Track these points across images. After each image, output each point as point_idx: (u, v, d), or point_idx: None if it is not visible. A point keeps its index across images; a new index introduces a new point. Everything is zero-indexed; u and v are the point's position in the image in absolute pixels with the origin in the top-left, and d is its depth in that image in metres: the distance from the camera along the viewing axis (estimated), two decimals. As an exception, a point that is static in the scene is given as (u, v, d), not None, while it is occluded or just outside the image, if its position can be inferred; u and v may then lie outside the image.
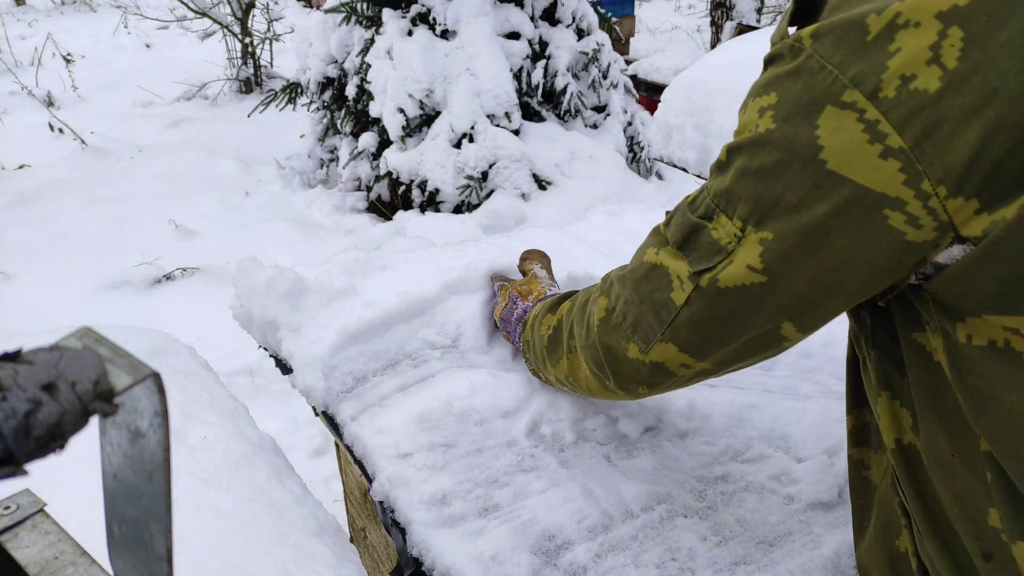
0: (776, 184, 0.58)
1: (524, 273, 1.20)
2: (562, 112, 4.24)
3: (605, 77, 4.44)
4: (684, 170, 1.91)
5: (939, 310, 0.56)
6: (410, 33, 3.99)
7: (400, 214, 3.96)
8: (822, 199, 0.56)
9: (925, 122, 0.50)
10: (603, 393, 0.85)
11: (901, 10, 0.50)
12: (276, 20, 6.86)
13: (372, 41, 4.08)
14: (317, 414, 1.21)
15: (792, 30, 0.60)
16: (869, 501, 0.73)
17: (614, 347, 0.76)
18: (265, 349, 1.30)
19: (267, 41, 6.85)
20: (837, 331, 1.28)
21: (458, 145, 3.89)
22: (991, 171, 0.49)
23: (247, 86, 6.67)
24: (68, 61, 6.67)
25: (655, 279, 0.70)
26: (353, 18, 4.11)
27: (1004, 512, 0.55)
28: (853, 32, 0.52)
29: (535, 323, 1.00)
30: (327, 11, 4.19)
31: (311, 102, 4.59)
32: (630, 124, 4.65)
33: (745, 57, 1.78)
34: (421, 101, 3.92)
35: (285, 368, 1.25)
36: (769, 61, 0.61)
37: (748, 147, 0.60)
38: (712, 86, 1.79)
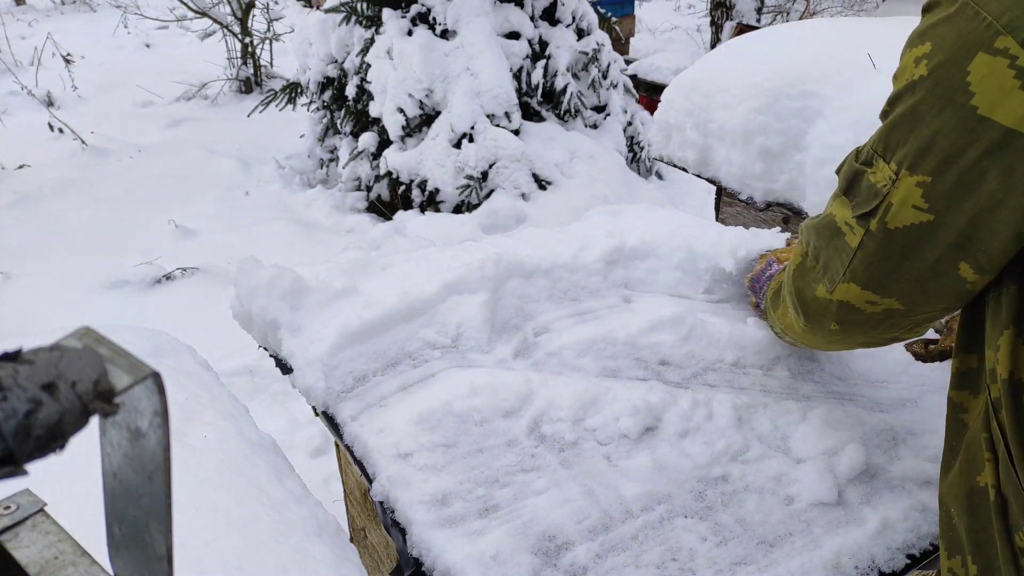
0: (928, 129, 0.61)
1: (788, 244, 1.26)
2: (562, 112, 4.24)
3: (605, 77, 4.44)
4: (684, 170, 1.91)
5: None
6: (410, 33, 3.99)
7: (400, 214, 3.96)
8: (974, 143, 0.59)
9: None
10: (811, 339, 0.91)
11: None
12: (276, 20, 6.86)
13: (372, 41, 4.07)
14: (317, 414, 1.21)
15: None
16: (960, 442, 0.75)
17: (804, 288, 0.83)
18: (265, 349, 1.29)
19: (267, 41, 6.85)
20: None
21: (458, 145, 3.89)
22: None
23: (247, 86, 6.66)
24: (68, 61, 6.66)
25: (829, 227, 0.76)
26: (353, 18, 4.11)
27: None
28: None
29: (773, 282, 1.09)
30: (327, 11, 4.19)
31: (311, 102, 4.59)
32: (630, 124, 4.64)
33: (745, 57, 1.78)
34: (421, 101, 3.92)
35: (285, 368, 1.25)
36: (926, 9, 0.63)
37: (904, 94, 0.64)
38: (712, 86, 1.78)
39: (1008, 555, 0.66)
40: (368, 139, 4.17)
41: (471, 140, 3.86)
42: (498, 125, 3.89)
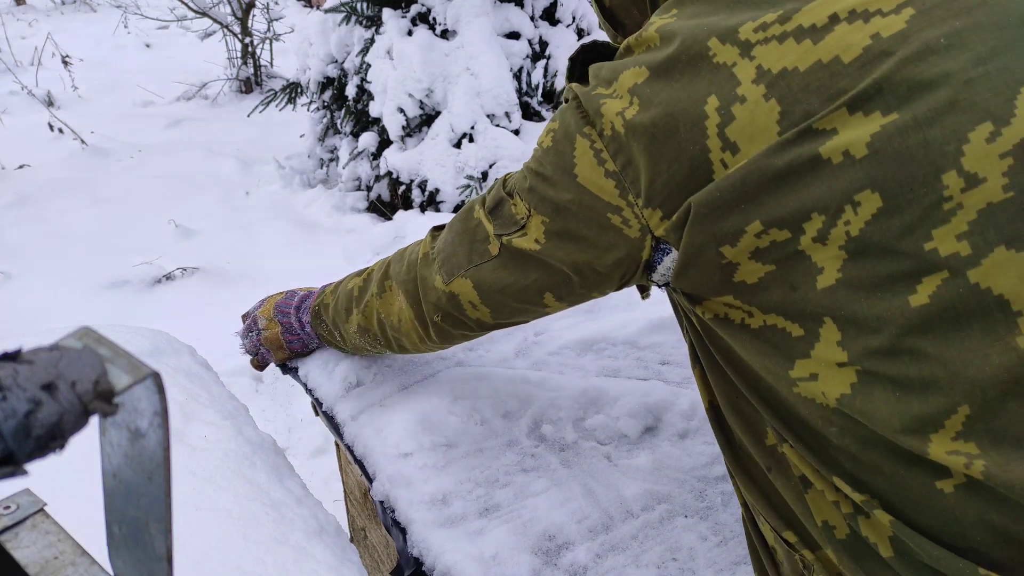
0: (549, 187, 0.78)
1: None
2: (562, 112, 4.24)
3: (605, 77, 4.43)
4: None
5: (687, 299, 0.75)
6: (410, 33, 3.99)
7: (400, 214, 3.96)
8: (573, 201, 0.76)
9: (625, 155, 0.70)
10: (414, 324, 0.98)
11: (615, 87, 0.71)
12: (276, 20, 6.85)
13: (372, 41, 4.08)
14: (317, 414, 1.21)
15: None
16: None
17: (427, 278, 0.94)
18: (265, 349, 1.29)
19: (267, 41, 6.85)
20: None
21: (458, 145, 3.89)
22: (667, 191, 0.68)
23: (247, 86, 6.66)
24: (66, 63, 6.66)
25: (480, 233, 0.88)
26: (353, 18, 4.11)
27: (772, 426, 0.71)
28: (589, 93, 0.73)
29: (336, 289, 1.11)
30: (327, 11, 4.19)
31: (311, 102, 4.59)
32: (630, 124, 4.64)
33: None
34: (421, 101, 3.92)
35: (285, 368, 1.25)
36: (564, 100, 0.80)
37: (537, 156, 0.81)
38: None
39: (768, 557, 0.79)
40: (368, 139, 4.17)
41: (471, 140, 3.86)
42: (498, 125, 3.89)
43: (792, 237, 0.63)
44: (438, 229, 0.98)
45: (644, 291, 0.90)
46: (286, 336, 1.18)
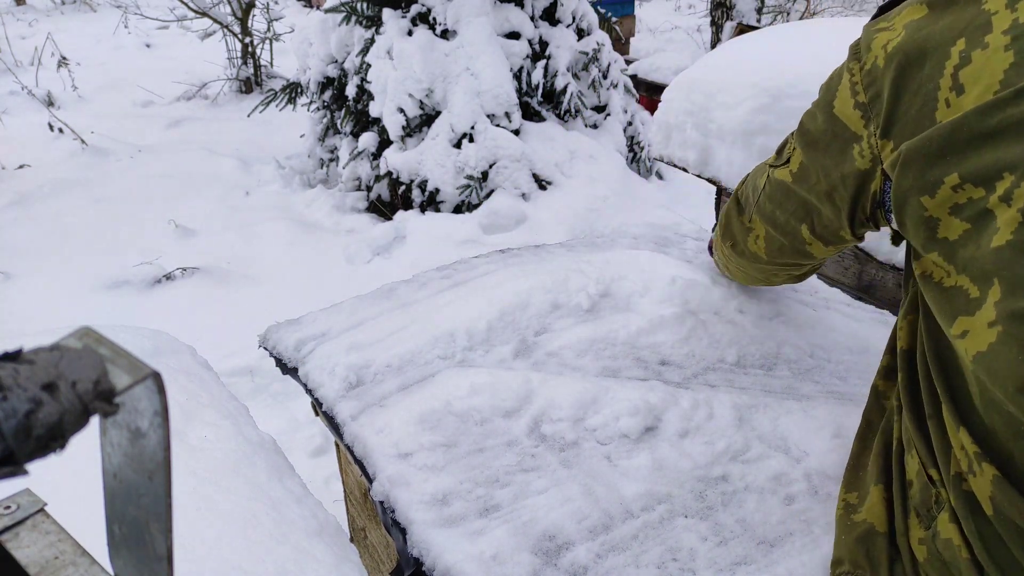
0: (811, 120, 0.87)
1: None
2: (562, 112, 4.24)
3: (605, 77, 4.44)
4: (684, 170, 1.91)
5: (912, 252, 0.78)
6: (410, 33, 3.99)
7: (400, 214, 3.96)
8: (825, 131, 0.83)
9: (876, 87, 0.74)
10: (730, 260, 1.20)
11: (894, 21, 0.75)
12: (276, 20, 6.85)
13: (372, 41, 4.07)
14: (317, 414, 1.21)
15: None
16: (878, 419, 0.93)
17: (731, 213, 1.11)
18: (266, 349, 1.30)
19: (267, 41, 6.85)
20: (837, 334, 1.28)
21: (458, 145, 3.88)
22: (901, 123, 0.71)
23: (247, 86, 6.66)
24: (64, 64, 6.65)
25: (760, 172, 1.02)
26: (353, 18, 4.11)
27: (937, 381, 0.73)
28: (868, 28, 0.78)
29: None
30: (327, 11, 4.19)
31: (311, 102, 4.59)
32: (630, 124, 4.64)
33: (745, 57, 1.78)
34: (421, 101, 3.92)
35: (285, 368, 1.25)
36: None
37: (816, 99, 0.87)
38: (712, 86, 1.78)
39: (899, 485, 0.83)
40: (368, 139, 4.17)
41: (471, 140, 3.86)
42: (498, 125, 3.89)
43: (985, 195, 0.63)
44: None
45: (895, 239, 0.90)
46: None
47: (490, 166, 3.83)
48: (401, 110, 3.91)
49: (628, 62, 5.89)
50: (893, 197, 0.71)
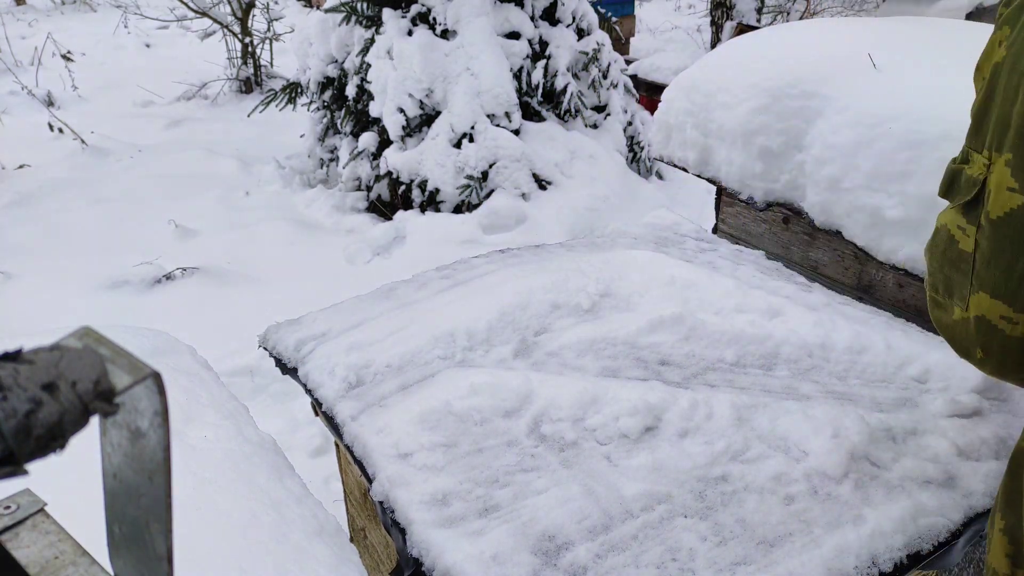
0: (1007, 104, 0.62)
1: None
2: (562, 112, 4.24)
3: (605, 77, 4.43)
4: (684, 170, 1.91)
5: None
6: (410, 33, 3.99)
7: (400, 214, 3.96)
8: None
9: None
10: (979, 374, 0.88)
11: None
12: (276, 20, 6.85)
13: (372, 41, 4.07)
14: (317, 413, 1.21)
15: None
16: None
17: (941, 318, 0.80)
18: (265, 349, 1.30)
19: (267, 41, 6.84)
20: (837, 334, 1.28)
21: (458, 145, 3.88)
22: None
23: (247, 86, 6.66)
24: (68, 60, 6.66)
25: (941, 239, 0.75)
26: (353, 18, 4.11)
27: None
28: None
29: None
30: (327, 11, 4.19)
31: (311, 102, 4.59)
32: (630, 124, 4.64)
33: (745, 57, 1.78)
34: (421, 101, 3.92)
35: (285, 368, 1.25)
36: (1007, 3, 0.65)
37: (988, 78, 0.64)
38: (712, 86, 1.78)
39: None
40: (368, 139, 4.16)
41: (471, 140, 3.86)
42: (498, 125, 3.89)
43: None
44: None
45: None
46: None
47: (490, 166, 3.83)
48: (401, 110, 3.91)
49: (628, 62, 5.89)
50: None
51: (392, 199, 4.14)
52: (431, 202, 3.96)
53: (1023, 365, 0.74)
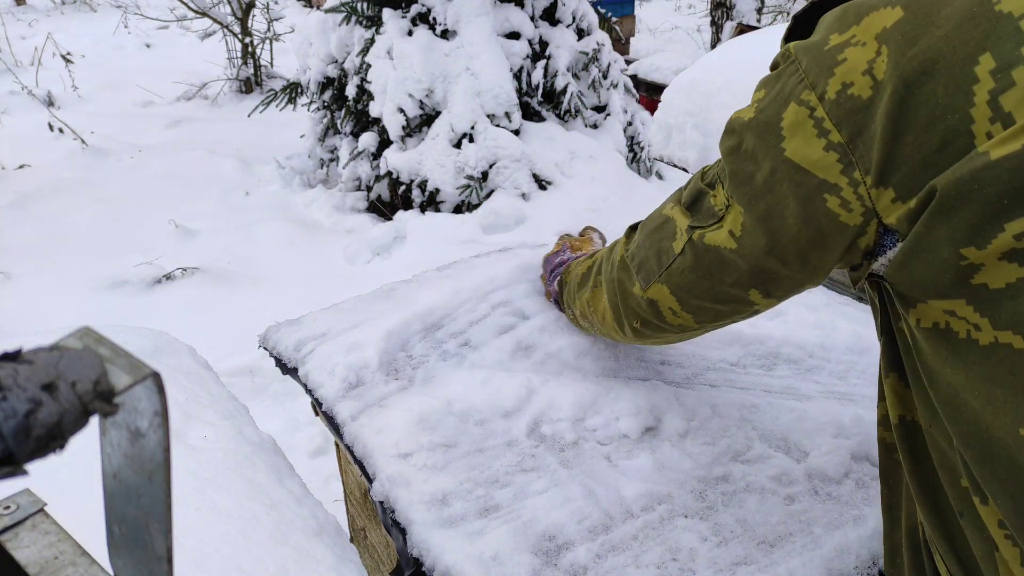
0: (749, 165, 0.68)
1: (581, 235, 1.34)
2: (562, 112, 4.24)
3: (605, 77, 4.44)
4: (684, 170, 1.91)
5: (899, 299, 0.63)
6: (410, 33, 3.99)
7: (400, 214, 3.96)
8: (779, 182, 0.66)
9: (858, 122, 0.59)
10: (613, 326, 0.98)
11: (856, 32, 0.59)
12: (276, 20, 6.86)
13: (372, 41, 4.07)
14: (317, 413, 1.21)
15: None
16: (897, 480, 0.78)
17: (624, 281, 0.91)
18: (266, 349, 1.30)
19: (267, 41, 6.85)
20: (837, 334, 1.28)
21: (458, 145, 3.89)
22: (907, 167, 0.57)
23: (247, 86, 6.67)
24: (68, 61, 6.66)
25: (665, 229, 0.82)
26: (353, 18, 4.11)
27: (967, 474, 0.60)
28: (819, 46, 0.62)
29: (576, 267, 1.13)
30: (327, 11, 4.19)
31: (311, 102, 4.59)
32: (630, 124, 4.64)
33: (745, 57, 1.78)
34: (421, 101, 3.92)
35: (285, 368, 1.25)
36: (772, 67, 0.70)
37: (737, 131, 0.70)
38: (712, 86, 1.78)
39: None
40: (368, 139, 4.17)
41: (471, 140, 3.86)
42: (498, 125, 3.89)
43: None
44: (633, 229, 0.93)
45: (856, 282, 0.71)
46: (549, 283, 1.25)
47: (490, 166, 3.83)
48: (401, 110, 3.91)
49: (628, 62, 5.90)
50: (910, 245, 0.57)
51: (392, 199, 4.15)
52: (431, 202, 3.96)
53: (658, 339, 0.95)
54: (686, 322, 0.85)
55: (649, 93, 5.50)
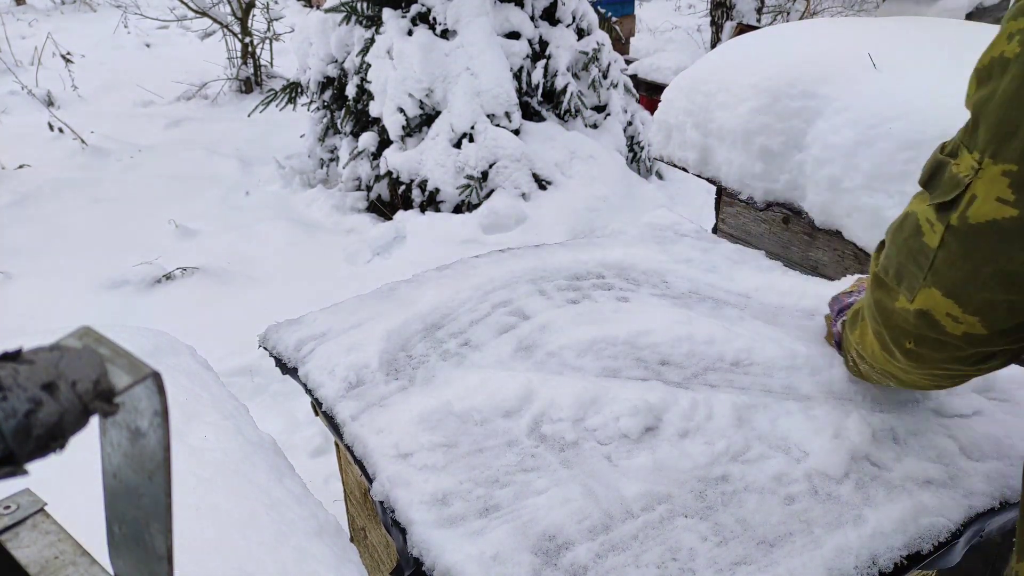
0: (1015, 111, 0.57)
1: None
2: (562, 112, 4.24)
3: (605, 77, 4.44)
4: (684, 170, 1.91)
5: None
6: (410, 33, 3.99)
7: (400, 214, 3.96)
8: None
9: None
10: (884, 356, 0.84)
11: None
12: (276, 20, 6.86)
13: (372, 41, 4.07)
14: (317, 414, 1.21)
15: None
16: None
17: (882, 299, 0.78)
18: (266, 349, 1.30)
19: (267, 41, 6.85)
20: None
21: (458, 145, 3.89)
22: None
23: (247, 86, 6.66)
24: (67, 61, 6.66)
25: (908, 226, 0.71)
26: (353, 18, 4.11)
27: None
28: None
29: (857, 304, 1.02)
30: (327, 11, 4.19)
31: (311, 102, 4.59)
32: (630, 124, 4.64)
33: (745, 57, 1.78)
34: (421, 101, 3.92)
35: (285, 368, 1.25)
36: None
37: (993, 72, 0.59)
38: (712, 86, 1.78)
39: None
40: (368, 139, 4.17)
41: (471, 140, 3.86)
42: (498, 125, 3.89)
43: None
44: (883, 243, 0.81)
45: None
46: (834, 323, 1.12)
47: (490, 166, 3.83)
48: (401, 110, 3.91)
49: (628, 62, 5.89)
50: None
51: (392, 199, 4.15)
52: (431, 202, 3.96)
53: (944, 362, 0.76)
54: (972, 328, 0.69)
55: (649, 93, 5.50)
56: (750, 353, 1.19)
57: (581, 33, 4.38)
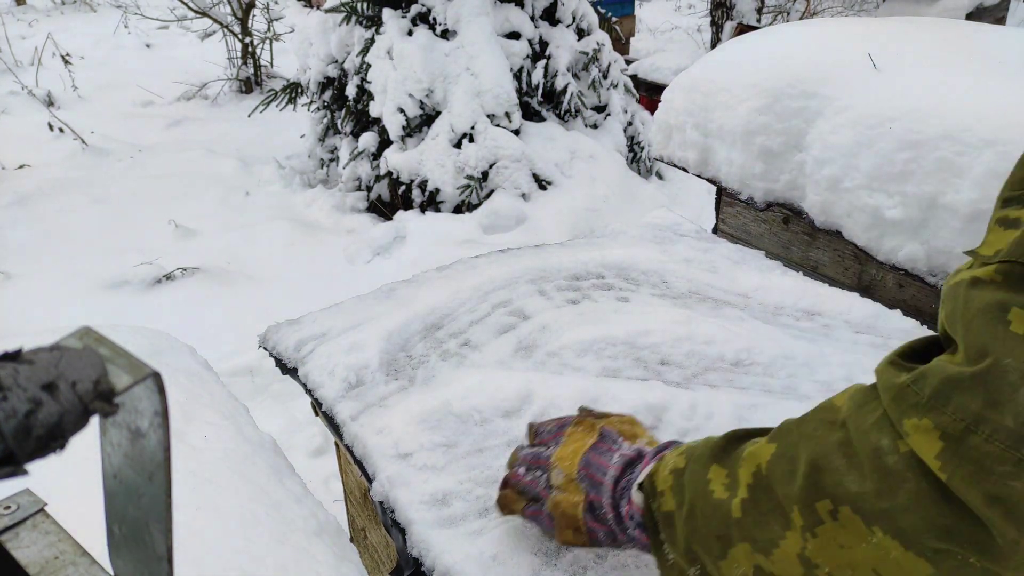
0: None
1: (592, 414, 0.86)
2: (562, 112, 4.24)
3: (605, 77, 4.44)
4: (684, 170, 1.91)
5: None
6: (410, 33, 3.99)
7: (400, 214, 3.96)
8: None
9: None
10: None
11: None
12: (276, 20, 6.86)
13: (372, 41, 4.07)
14: (317, 414, 1.21)
15: None
16: None
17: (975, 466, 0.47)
18: (265, 349, 1.30)
19: (267, 41, 6.85)
20: (838, 333, 1.28)
21: (458, 145, 3.89)
22: None
23: (247, 86, 6.67)
24: (67, 61, 6.66)
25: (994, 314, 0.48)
26: (353, 18, 4.11)
27: None
28: None
29: (684, 477, 0.66)
30: (327, 11, 4.19)
31: (311, 102, 4.59)
32: (630, 124, 4.65)
33: (745, 57, 1.78)
34: (421, 101, 3.92)
35: (285, 368, 1.25)
36: None
37: None
38: (712, 86, 1.78)
39: None
40: (368, 139, 4.17)
41: (471, 140, 3.86)
42: (498, 125, 3.90)
43: None
44: (903, 356, 0.57)
45: None
46: (588, 518, 0.74)
47: (490, 166, 3.83)
48: (401, 110, 3.91)
49: (628, 62, 5.89)
50: None
51: (392, 199, 4.15)
52: (431, 202, 3.96)
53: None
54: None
55: (649, 93, 5.50)
56: (750, 353, 1.19)
57: (581, 33, 4.39)
